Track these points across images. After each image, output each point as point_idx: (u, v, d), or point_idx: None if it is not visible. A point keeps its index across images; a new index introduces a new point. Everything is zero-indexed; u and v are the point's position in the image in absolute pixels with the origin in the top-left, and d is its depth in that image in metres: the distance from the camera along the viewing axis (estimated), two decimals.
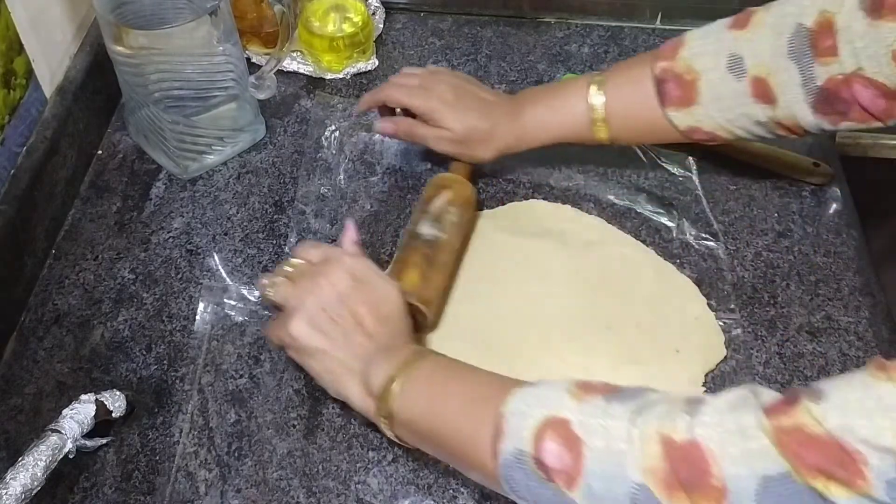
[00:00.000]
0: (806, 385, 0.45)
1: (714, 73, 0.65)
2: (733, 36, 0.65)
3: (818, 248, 0.76)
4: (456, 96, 0.74)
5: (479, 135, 0.74)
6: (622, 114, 0.70)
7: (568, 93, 0.72)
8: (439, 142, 0.75)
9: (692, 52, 0.66)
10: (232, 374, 0.68)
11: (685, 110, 0.67)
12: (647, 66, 0.68)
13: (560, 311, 0.71)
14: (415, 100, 0.74)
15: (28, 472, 0.56)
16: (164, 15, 0.75)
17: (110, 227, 0.78)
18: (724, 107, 0.66)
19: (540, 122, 0.73)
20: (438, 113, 0.73)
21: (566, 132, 0.73)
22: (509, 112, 0.74)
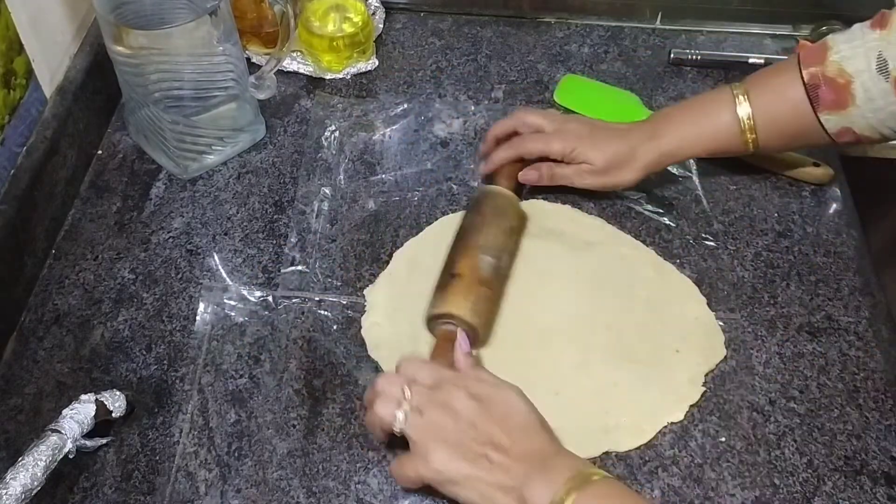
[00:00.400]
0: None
1: (866, 74, 0.66)
2: (877, 37, 0.66)
3: (818, 248, 0.76)
4: (590, 130, 0.76)
5: (621, 159, 0.74)
6: (771, 122, 0.70)
7: (711, 106, 0.73)
8: (582, 176, 0.76)
9: (842, 56, 0.67)
10: (232, 374, 0.68)
11: (839, 113, 0.68)
12: (792, 72, 0.69)
13: (560, 311, 0.71)
14: (554, 145, 0.75)
15: (28, 472, 0.56)
16: (164, 15, 0.75)
17: (110, 227, 0.78)
18: (877, 107, 0.66)
19: (684, 138, 0.73)
20: (578, 150, 0.74)
21: (712, 145, 0.73)
22: (647, 132, 0.74)
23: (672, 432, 0.65)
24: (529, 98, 0.89)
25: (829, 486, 0.62)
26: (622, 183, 0.75)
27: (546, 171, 0.77)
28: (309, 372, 0.68)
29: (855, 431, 0.65)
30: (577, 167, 0.75)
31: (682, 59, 0.93)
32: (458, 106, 0.88)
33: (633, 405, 0.66)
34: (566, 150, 0.75)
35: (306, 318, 0.71)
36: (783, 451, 0.64)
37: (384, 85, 0.91)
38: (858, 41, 0.67)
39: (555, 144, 0.75)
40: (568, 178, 0.77)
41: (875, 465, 0.63)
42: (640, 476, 0.62)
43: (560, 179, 0.77)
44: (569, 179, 0.77)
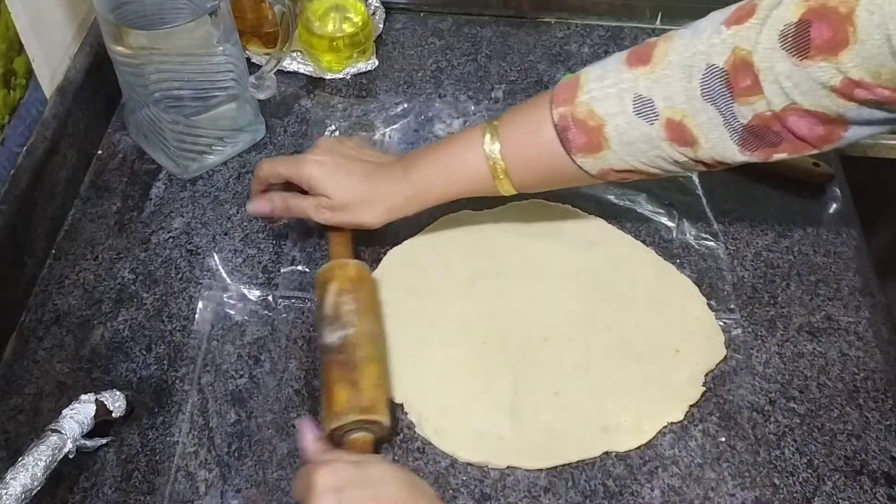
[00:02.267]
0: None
1: (620, 117, 0.60)
2: (634, 75, 0.59)
3: (818, 248, 0.76)
4: (334, 161, 0.69)
5: (363, 199, 0.68)
6: (524, 163, 0.65)
7: (459, 145, 0.67)
8: (319, 211, 0.69)
9: (591, 96, 0.61)
10: (232, 374, 0.68)
11: (594, 156, 0.62)
12: (543, 110, 0.63)
13: (560, 311, 0.71)
14: (290, 168, 0.70)
15: (28, 472, 0.56)
16: (164, 15, 0.75)
17: (110, 227, 0.78)
18: (637, 150, 0.61)
19: (433, 178, 0.68)
20: (314, 179, 0.68)
21: (464, 186, 0.68)
22: (395, 171, 0.69)
23: (672, 432, 0.65)
24: (529, 98, 0.89)
25: (829, 486, 0.62)
26: (362, 224, 0.69)
27: (278, 202, 0.71)
28: (309, 372, 0.68)
29: (855, 431, 0.65)
30: (316, 201, 0.69)
31: None
32: (458, 106, 0.88)
33: (633, 405, 0.66)
34: (300, 176, 0.69)
35: (306, 318, 0.71)
36: (783, 451, 0.64)
37: (384, 85, 0.91)
38: (611, 79, 0.60)
39: (291, 167, 0.70)
40: (304, 210, 0.70)
41: (875, 465, 0.63)
42: (640, 476, 0.63)
43: (297, 211, 0.71)
44: (304, 212, 0.70)
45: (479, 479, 0.62)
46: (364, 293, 0.68)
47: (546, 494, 0.62)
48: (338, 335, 0.64)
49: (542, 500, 0.61)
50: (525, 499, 0.61)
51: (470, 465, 0.63)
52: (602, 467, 0.63)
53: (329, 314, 0.65)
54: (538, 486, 0.62)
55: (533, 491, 0.62)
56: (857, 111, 0.53)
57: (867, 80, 0.51)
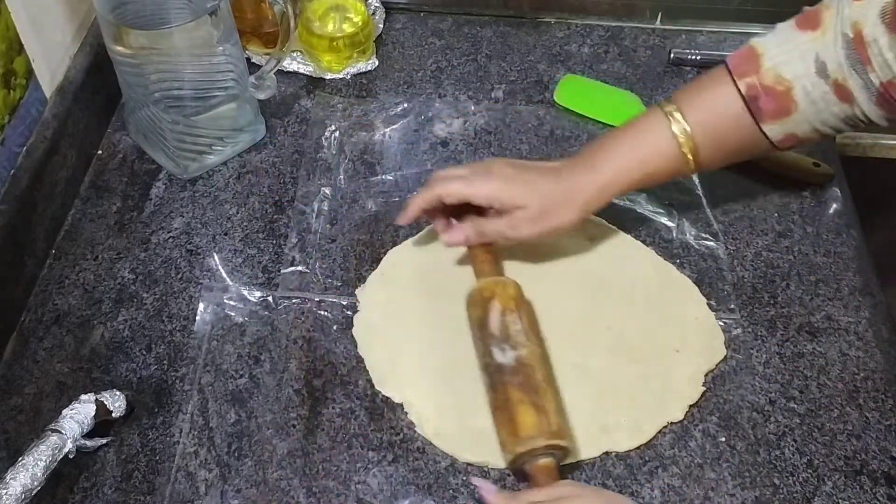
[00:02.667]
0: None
1: (805, 78, 0.62)
2: (810, 38, 0.62)
3: (818, 248, 0.76)
4: (516, 170, 0.68)
5: (558, 199, 0.66)
6: (712, 138, 0.66)
7: (644, 129, 0.67)
8: (517, 227, 0.67)
9: (776, 62, 0.63)
10: (232, 374, 0.68)
11: (782, 121, 0.64)
12: (725, 85, 0.65)
13: (560, 311, 0.71)
14: (477, 188, 0.67)
15: (28, 472, 0.56)
16: (164, 15, 0.75)
17: (110, 227, 0.78)
18: (819, 109, 0.63)
19: (622, 166, 0.67)
20: (506, 193, 0.66)
21: (653, 169, 0.67)
22: (581, 166, 0.68)
23: (672, 432, 0.65)
24: (529, 98, 0.89)
25: (829, 486, 0.62)
26: (563, 227, 0.67)
27: (472, 230, 0.68)
28: (309, 372, 0.68)
29: (855, 431, 0.65)
30: (510, 216, 0.66)
31: (682, 59, 0.93)
32: (458, 106, 0.88)
33: (633, 405, 0.66)
34: (492, 193, 0.66)
35: (306, 318, 0.71)
36: (783, 451, 0.64)
37: (384, 85, 0.91)
38: (791, 43, 0.63)
39: (479, 187, 0.67)
40: (500, 231, 0.67)
41: (875, 465, 0.63)
42: (640, 476, 0.62)
43: (491, 235, 0.68)
44: (501, 233, 0.68)
45: (481, 477, 0.62)
46: (527, 313, 0.66)
47: None
48: (510, 356, 0.62)
49: None
50: None
51: (470, 465, 0.63)
52: (602, 467, 0.63)
53: (496, 334, 0.63)
54: None
55: None
56: None
57: None
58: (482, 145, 0.85)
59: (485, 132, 0.86)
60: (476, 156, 0.84)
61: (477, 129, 0.86)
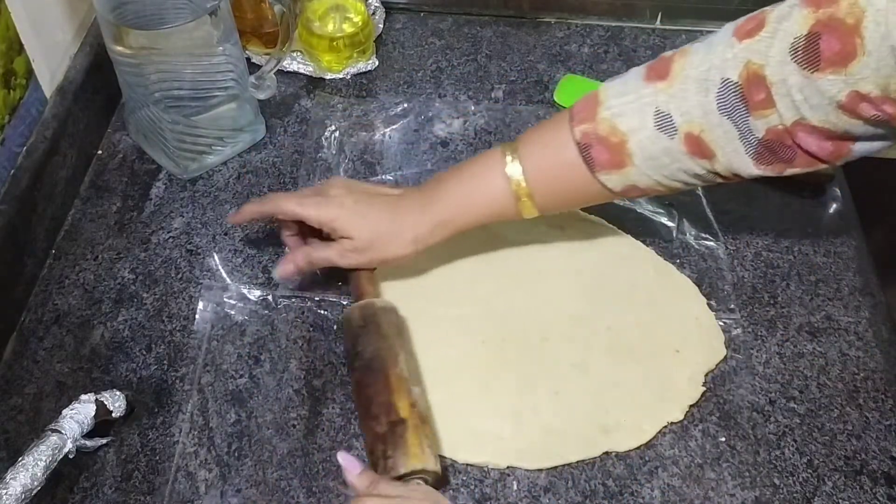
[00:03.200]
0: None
1: (642, 132, 0.59)
2: (654, 90, 0.59)
3: (818, 248, 0.76)
4: (354, 199, 0.67)
5: (388, 233, 0.66)
6: (547, 183, 0.64)
7: (480, 168, 0.66)
8: (345, 256, 0.67)
9: (613, 112, 0.60)
10: (232, 374, 0.68)
11: (618, 172, 0.61)
12: (563, 129, 0.62)
13: (560, 311, 0.71)
14: (308, 210, 0.66)
15: (28, 472, 0.56)
16: (164, 15, 0.75)
17: (110, 227, 0.78)
18: (660, 164, 0.60)
19: (456, 205, 0.66)
20: (338, 220, 0.66)
21: (488, 211, 0.66)
22: (418, 202, 0.67)
23: (672, 432, 0.65)
24: (529, 98, 0.89)
25: (829, 486, 0.62)
26: (390, 259, 0.67)
27: (301, 258, 0.68)
28: (309, 372, 0.68)
29: (855, 431, 0.65)
30: (340, 246, 0.66)
31: None
32: (458, 106, 0.88)
33: (633, 405, 0.66)
34: (323, 218, 0.66)
35: (306, 318, 0.71)
36: (783, 451, 0.64)
37: (384, 85, 0.91)
38: (631, 95, 0.60)
39: (310, 209, 0.66)
40: (328, 259, 0.67)
41: (875, 465, 0.63)
42: (640, 476, 0.63)
43: (321, 262, 0.68)
44: (329, 261, 0.68)
45: (479, 479, 0.62)
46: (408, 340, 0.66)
47: (546, 494, 0.62)
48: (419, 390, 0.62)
49: (542, 500, 0.61)
50: (525, 499, 0.61)
51: (470, 466, 0.63)
52: (602, 467, 0.63)
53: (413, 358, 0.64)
54: (538, 486, 0.62)
55: (533, 491, 0.62)
56: (863, 128, 0.53)
57: (876, 93, 0.51)
58: (482, 145, 0.85)
59: (485, 132, 0.86)
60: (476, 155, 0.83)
61: (477, 129, 0.86)
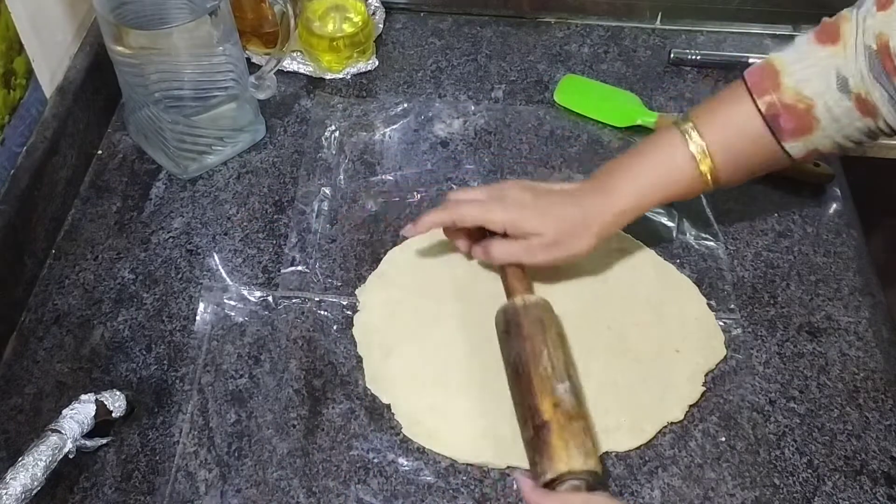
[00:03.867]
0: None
1: (828, 95, 0.61)
2: (830, 53, 0.61)
3: (818, 248, 0.76)
4: (534, 196, 0.67)
5: (573, 226, 0.66)
6: (731, 157, 0.65)
7: (660, 149, 0.67)
8: (533, 253, 0.66)
9: (796, 79, 0.62)
10: (232, 374, 0.68)
11: (804, 138, 0.63)
12: (743, 103, 0.64)
13: (560, 312, 0.71)
14: (493, 214, 0.66)
15: (28, 472, 0.56)
16: (164, 15, 0.75)
17: (110, 227, 0.78)
18: (842, 125, 0.62)
19: (639, 190, 0.66)
20: (522, 220, 0.66)
21: (671, 191, 0.67)
22: (598, 190, 0.67)
23: (672, 432, 0.65)
24: (529, 98, 0.89)
25: (829, 486, 0.62)
26: (578, 254, 0.67)
27: (481, 252, 0.69)
28: (309, 372, 0.68)
29: (855, 431, 0.65)
30: (527, 243, 0.66)
31: (682, 59, 0.93)
32: (458, 106, 0.88)
33: (633, 405, 0.66)
34: (508, 221, 0.66)
35: (306, 318, 0.71)
36: (783, 451, 0.64)
37: (384, 85, 0.91)
38: (810, 59, 0.62)
39: (495, 213, 0.66)
40: (516, 256, 0.67)
41: (875, 465, 0.63)
42: (640, 476, 0.62)
43: (503, 259, 0.68)
44: (517, 258, 0.67)
45: (479, 479, 0.62)
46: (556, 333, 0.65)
47: None
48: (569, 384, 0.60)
49: None
50: None
51: (470, 466, 0.63)
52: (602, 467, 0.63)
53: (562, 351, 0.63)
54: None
55: None
56: None
57: None
58: (482, 145, 0.85)
59: (485, 132, 0.86)
60: (476, 155, 0.84)
61: (477, 129, 0.86)
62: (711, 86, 0.91)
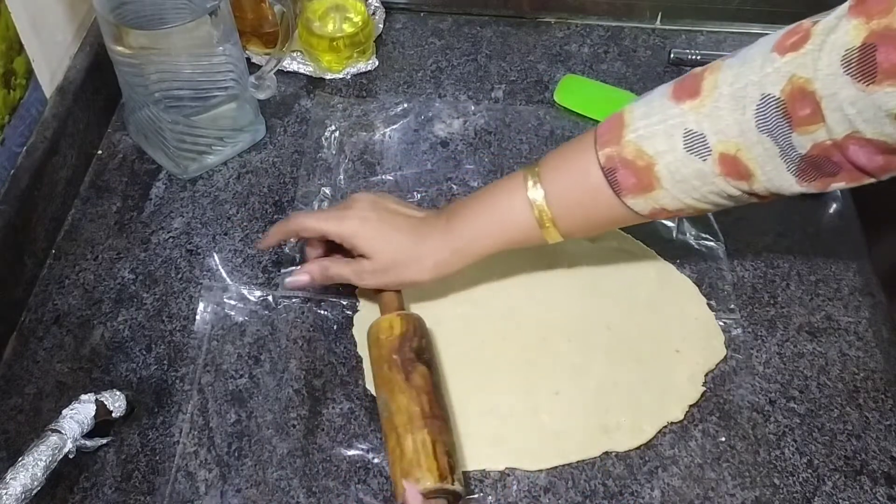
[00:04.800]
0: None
1: (671, 155, 0.57)
2: (682, 110, 0.57)
3: (818, 248, 0.76)
4: (378, 216, 0.66)
5: (408, 256, 0.65)
6: (569, 208, 0.62)
7: (501, 193, 0.64)
8: (362, 276, 0.66)
9: (638, 135, 0.58)
10: (232, 374, 0.68)
11: (645, 196, 0.59)
12: (588, 152, 0.60)
13: (560, 311, 0.71)
14: (329, 225, 0.66)
15: (28, 472, 0.56)
16: (164, 15, 0.75)
17: (110, 227, 0.78)
18: (690, 188, 0.58)
19: (478, 230, 0.64)
20: (358, 237, 0.65)
21: (511, 236, 0.64)
22: (441, 227, 0.65)
23: (672, 432, 0.65)
24: (529, 98, 0.89)
25: (829, 486, 0.62)
26: (408, 283, 0.66)
27: (318, 271, 0.68)
28: (309, 372, 0.68)
29: (855, 431, 0.65)
30: (358, 265, 0.66)
31: (682, 59, 0.93)
32: (458, 106, 0.88)
33: (633, 405, 0.66)
34: (344, 233, 0.65)
35: (306, 318, 0.71)
36: (783, 451, 0.64)
37: (384, 85, 0.91)
38: (657, 116, 0.58)
39: (330, 224, 0.66)
40: (345, 277, 0.67)
41: (875, 465, 0.63)
42: (640, 476, 0.63)
43: (336, 278, 0.67)
44: (346, 279, 0.67)
45: (479, 479, 0.62)
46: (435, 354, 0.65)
47: (546, 494, 0.62)
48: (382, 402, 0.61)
49: (542, 500, 0.61)
50: (525, 499, 0.61)
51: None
52: (602, 467, 0.63)
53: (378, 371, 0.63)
54: (538, 486, 0.62)
55: (533, 491, 0.62)
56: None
57: None
58: (482, 145, 0.85)
59: (485, 132, 0.86)
60: (476, 155, 0.84)
61: (477, 129, 0.86)
62: None
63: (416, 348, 0.63)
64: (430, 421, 0.59)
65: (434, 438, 0.58)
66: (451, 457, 0.58)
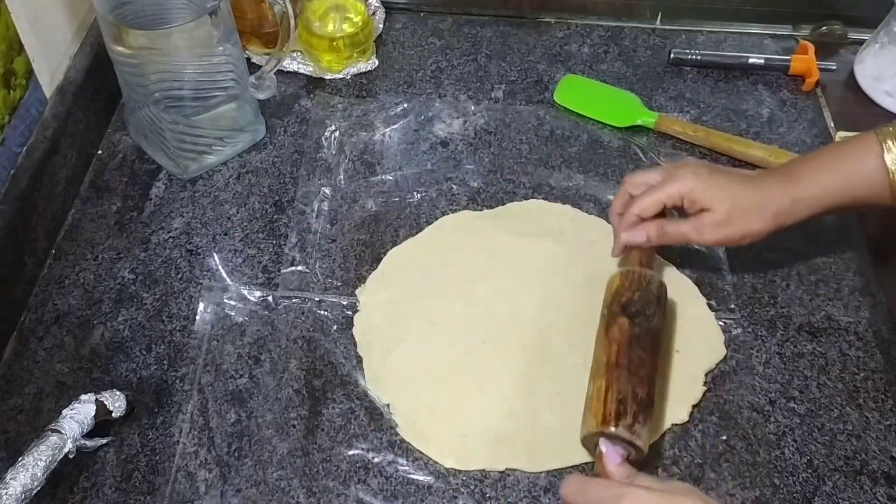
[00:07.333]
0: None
1: None
2: None
3: (818, 248, 0.76)
4: (710, 171, 0.66)
5: (748, 206, 0.64)
6: None
7: (853, 152, 0.64)
8: (702, 230, 0.65)
9: None
10: (232, 374, 0.68)
11: None
12: None
13: (560, 311, 0.71)
14: (669, 187, 0.65)
15: (28, 472, 0.56)
16: (164, 15, 0.75)
17: (110, 227, 0.78)
18: None
19: (823, 184, 0.64)
20: (696, 191, 0.65)
21: (856, 197, 0.64)
22: (780, 175, 0.66)
23: (672, 432, 0.65)
24: (529, 98, 0.89)
25: (829, 486, 0.62)
26: (749, 234, 0.65)
27: (655, 230, 0.67)
28: (309, 372, 0.68)
29: (855, 431, 0.65)
30: (696, 219, 0.65)
31: (682, 59, 0.93)
32: (458, 106, 0.88)
33: None
34: (683, 191, 0.65)
35: (306, 318, 0.71)
36: (783, 451, 0.64)
37: (384, 85, 0.91)
38: None
39: (665, 188, 0.66)
40: (683, 234, 0.66)
41: (875, 465, 0.63)
42: None
43: (673, 237, 0.67)
44: (683, 236, 0.66)
45: (479, 479, 0.62)
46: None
47: (546, 494, 0.62)
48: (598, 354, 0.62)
49: (542, 500, 0.61)
50: (525, 499, 0.61)
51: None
52: None
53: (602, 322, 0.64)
54: (538, 486, 0.62)
55: (533, 491, 0.62)
56: None
57: None
58: (482, 145, 0.85)
59: (485, 132, 0.86)
60: (476, 155, 0.84)
61: (477, 129, 0.86)
62: (711, 86, 0.91)
63: (625, 302, 0.63)
64: (613, 369, 0.60)
65: (609, 385, 0.59)
66: (624, 405, 0.58)
